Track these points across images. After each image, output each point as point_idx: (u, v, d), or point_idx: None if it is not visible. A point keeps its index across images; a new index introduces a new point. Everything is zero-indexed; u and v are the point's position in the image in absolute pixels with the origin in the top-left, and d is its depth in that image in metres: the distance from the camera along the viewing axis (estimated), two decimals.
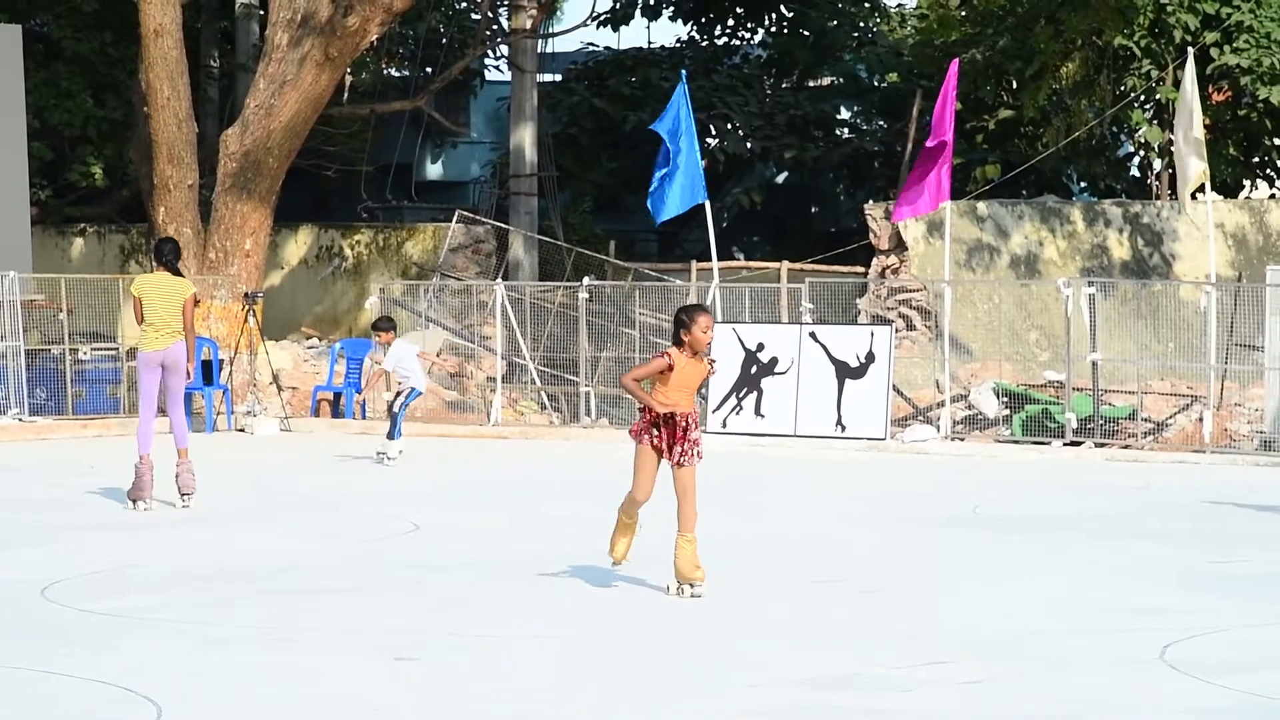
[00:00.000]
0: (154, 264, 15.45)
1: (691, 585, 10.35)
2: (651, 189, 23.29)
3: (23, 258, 24.84)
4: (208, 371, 24.14)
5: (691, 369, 10.35)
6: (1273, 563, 12.13)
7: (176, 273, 15.19)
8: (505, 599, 10.69)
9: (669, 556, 10.42)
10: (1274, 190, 31.78)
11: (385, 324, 19.90)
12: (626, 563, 10.68)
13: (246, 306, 24.77)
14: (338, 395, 25.08)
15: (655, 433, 10.30)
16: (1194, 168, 21.30)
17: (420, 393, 19.64)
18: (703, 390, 23.13)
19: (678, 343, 10.33)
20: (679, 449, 10.30)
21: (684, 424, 10.30)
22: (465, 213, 31.85)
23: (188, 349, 15.02)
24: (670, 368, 10.30)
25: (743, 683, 8.24)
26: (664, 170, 23.21)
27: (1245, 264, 27.54)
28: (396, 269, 31.92)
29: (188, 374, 15.32)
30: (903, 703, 7.82)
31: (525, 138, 33.28)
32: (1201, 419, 20.86)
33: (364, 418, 24.75)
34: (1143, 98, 29.86)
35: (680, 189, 23.33)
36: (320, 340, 29.03)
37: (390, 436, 19.17)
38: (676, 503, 10.34)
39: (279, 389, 24.71)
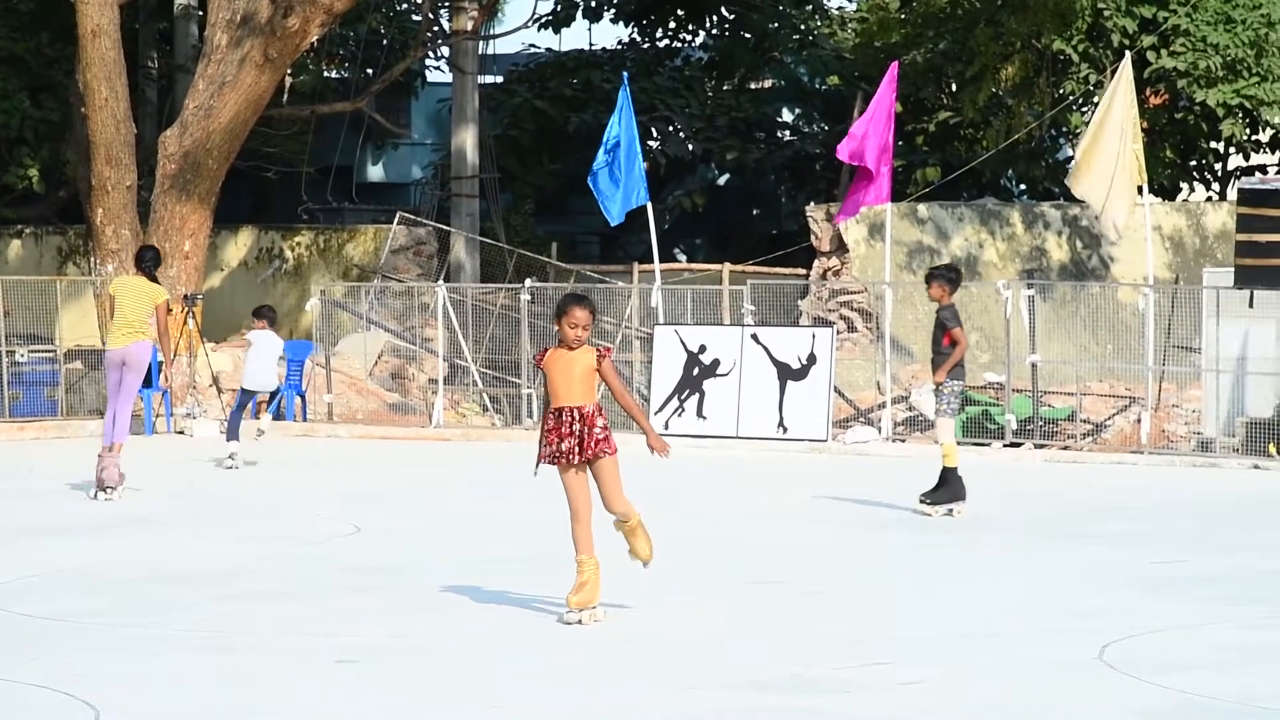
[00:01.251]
0: (134, 269, 16.40)
1: (645, 565, 10.03)
2: (599, 187, 23.36)
3: None
4: (147, 374, 23.97)
5: (567, 360, 9.69)
6: (1210, 563, 12.24)
7: (154, 279, 15.80)
8: (446, 602, 10.67)
9: (601, 562, 9.98)
10: (1210, 193, 32.05)
11: (264, 312, 19.51)
12: (594, 614, 9.70)
13: (186, 308, 24.63)
14: (273, 395, 24.92)
15: (558, 446, 9.63)
16: (1117, 207, 21.42)
17: (255, 393, 19.03)
18: (644, 394, 23.16)
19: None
20: (572, 444, 9.61)
21: (570, 420, 9.63)
22: (407, 214, 31.76)
23: (163, 351, 15.95)
24: (537, 365, 9.96)
25: (682, 685, 8.25)
26: (603, 167, 23.30)
27: (1182, 266, 27.76)
28: (338, 271, 31.80)
29: (166, 377, 16.51)
30: (841, 704, 7.85)
31: (467, 139, 33.22)
32: (1140, 420, 21.02)
33: (305, 419, 24.66)
34: (1081, 101, 30.05)
35: (622, 190, 23.38)
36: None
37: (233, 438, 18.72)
38: (602, 499, 9.71)
39: (219, 391, 24.60)
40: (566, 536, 9.81)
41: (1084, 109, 30.09)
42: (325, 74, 37.21)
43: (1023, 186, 34.71)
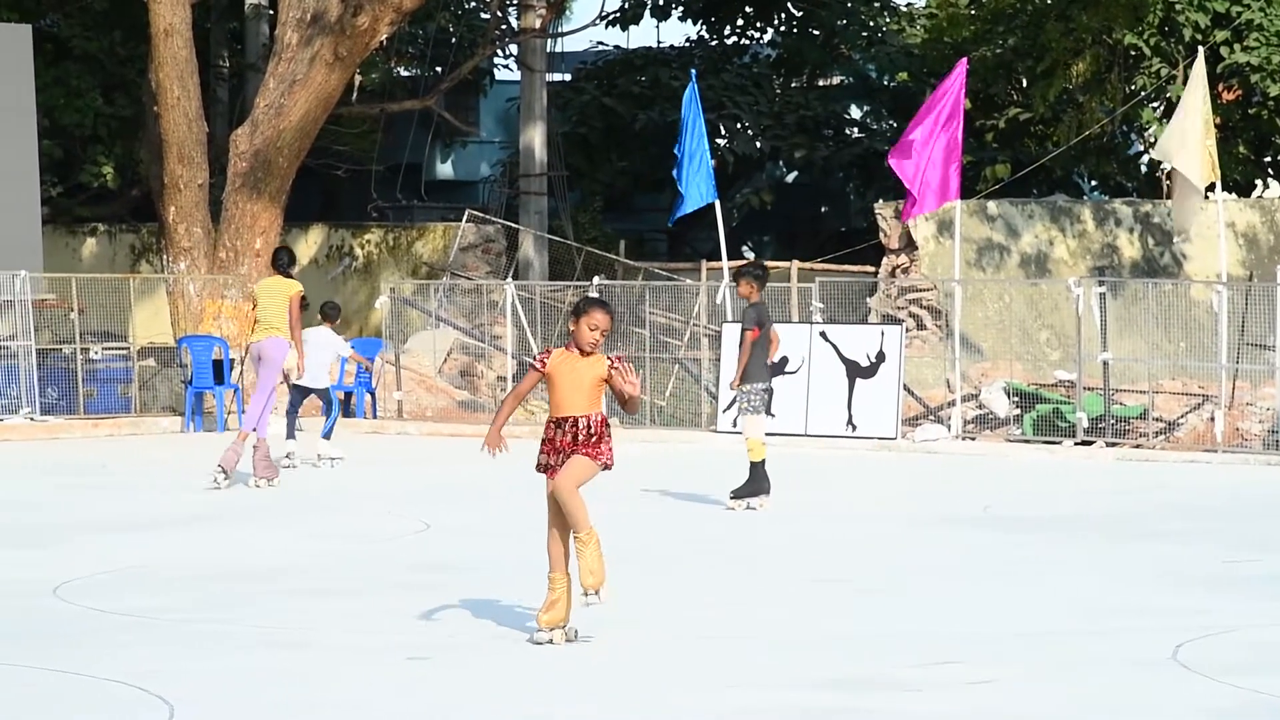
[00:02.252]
0: (270, 269, 17.47)
1: (593, 593, 8.94)
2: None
3: (34, 257, 24.87)
4: (218, 371, 24.17)
5: (577, 366, 8.86)
6: None
7: (287, 275, 16.86)
8: (517, 599, 10.68)
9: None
10: None
11: (324, 309, 19.24)
12: (565, 633, 8.99)
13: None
14: (348, 395, 25.07)
15: (549, 459, 8.92)
16: (1189, 207, 21.29)
17: (307, 391, 18.54)
18: (711, 392, 23.13)
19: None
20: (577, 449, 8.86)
21: (573, 431, 8.85)
22: (475, 212, 31.86)
23: (295, 343, 16.63)
24: (543, 376, 8.90)
25: (748, 684, 8.23)
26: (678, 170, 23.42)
27: (1256, 263, 27.50)
28: (407, 268, 31.93)
29: (298, 369, 17.09)
30: (911, 704, 7.81)
31: (535, 137, 33.29)
32: (1213, 418, 20.83)
33: (375, 416, 24.77)
34: (1153, 96, 29.81)
35: (687, 189, 23.42)
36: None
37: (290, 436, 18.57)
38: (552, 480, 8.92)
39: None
40: (633, 533, 9.81)
41: (1155, 104, 29.85)
42: (394, 72, 37.37)
43: (1094, 183, 34.47)
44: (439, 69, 36.28)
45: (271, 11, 31.68)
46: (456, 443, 22.45)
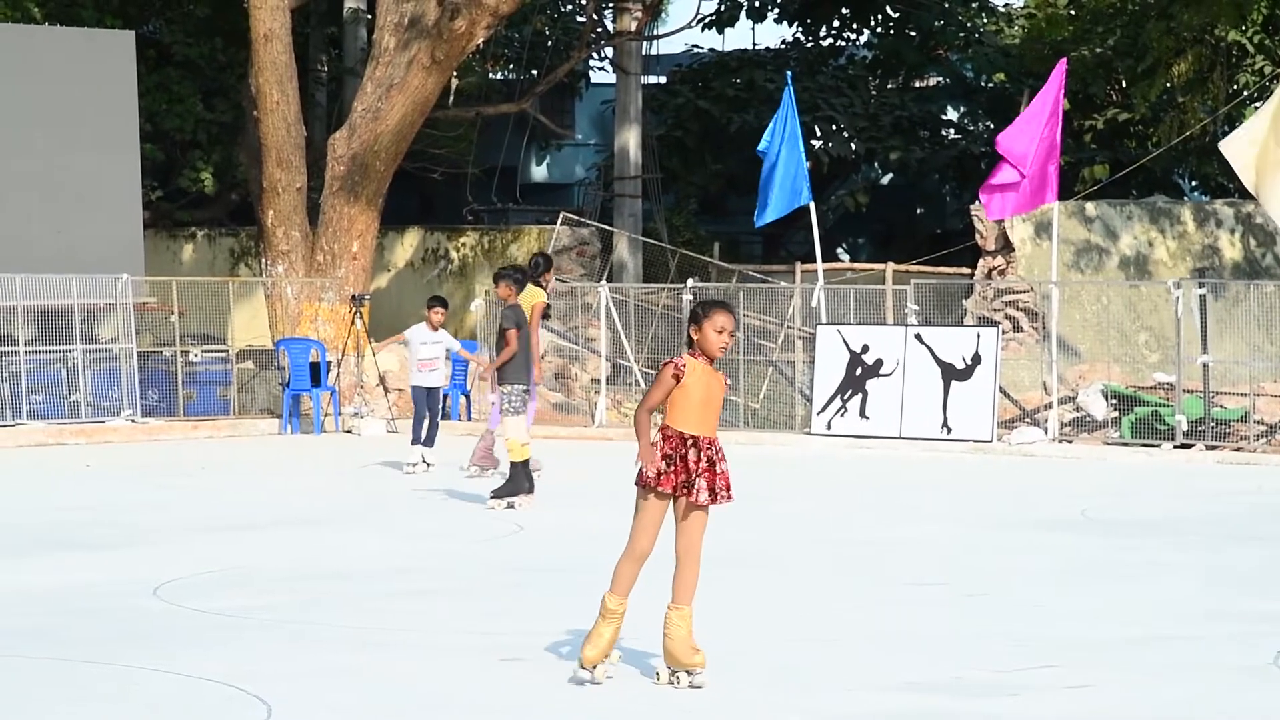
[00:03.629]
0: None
1: (689, 673, 8.01)
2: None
3: (135, 261, 25.20)
4: (315, 373, 24.37)
5: (711, 380, 8.05)
6: None
7: (536, 284, 17.25)
8: None
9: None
10: None
11: (433, 301, 18.73)
12: (608, 668, 8.13)
13: (353, 309, 24.98)
14: (444, 396, 25.18)
15: (666, 470, 7.95)
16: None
17: (423, 390, 18.23)
18: (805, 394, 23.07)
19: (690, 345, 8.11)
20: (700, 483, 7.95)
21: (709, 454, 8.00)
22: (570, 215, 31.95)
23: (531, 350, 16.34)
24: (678, 380, 7.99)
25: (841, 686, 8.20)
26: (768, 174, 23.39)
27: None
28: None
29: (539, 372, 17.32)
30: (1008, 707, 7.76)
31: (630, 139, 33.34)
32: None
33: (469, 419, 24.88)
34: (1256, 95, 29.45)
35: (780, 191, 23.37)
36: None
37: (416, 441, 18.30)
38: (675, 563, 8.05)
39: (385, 390, 24.90)
40: (730, 534, 9.77)
41: (1259, 103, 29.48)
42: (490, 75, 37.55)
43: (1194, 183, 34.09)
44: (534, 72, 36.42)
45: (369, 16, 31.93)
46: (550, 445, 22.50)
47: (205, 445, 22.60)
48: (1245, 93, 29.09)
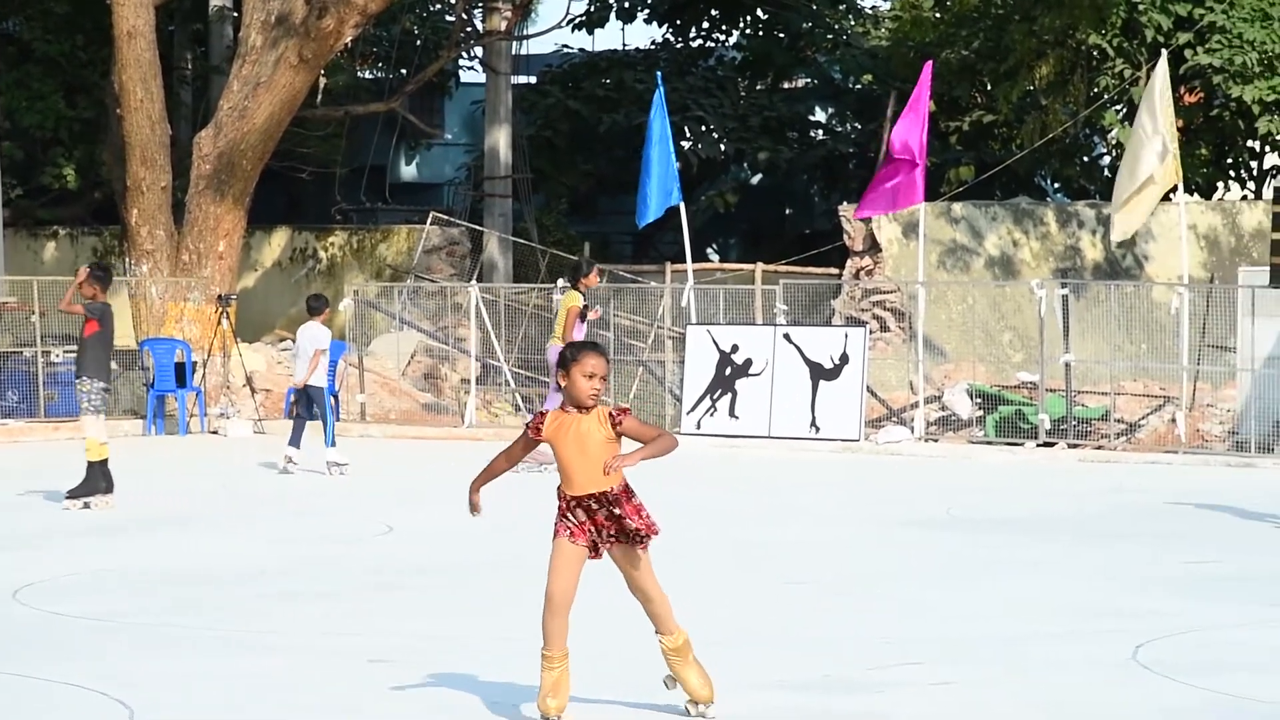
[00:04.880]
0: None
1: (707, 707, 7.66)
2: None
3: None
4: (180, 374, 24.10)
5: (584, 433, 7.36)
6: (1245, 564, 12.18)
7: (575, 287, 18.28)
8: (480, 602, 10.69)
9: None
10: (1246, 192, 31.89)
11: (309, 303, 18.60)
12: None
13: (220, 309, 24.74)
14: (334, 395, 25.02)
15: (572, 521, 7.46)
16: (1127, 220, 21.48)
17: (299, 390, 18.24)
18: (675, 394, 23.16)
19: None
20: (606, 537, 7.45)
21: (605, 509, 7.41)
22: (440, 214, 31.82)
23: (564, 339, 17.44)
24: (532, 439, 7.49)
25: (719, 686, 8.23)
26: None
27: (1217, 265, 27.63)
28: (371, 271, 31.87)
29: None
30: (873, 705, 7.84)
31: (500, 139, 33.26)
32: (1174, 420, 20.94)
33: (338, 419, 24.69)
34: (1116, 98, 29.94)
35: (656, 191, 23.47)
36: (294, 342, 28.99)
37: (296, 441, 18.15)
38: (641, 605, 7.65)
39: (252, 391, 24.67)
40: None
41: (1118, 106, 29.98)
42: (359, 74, 37.31)
43: (1057, 185, 34.59)
44: (404, 71, 36.23)
45: (235, 14, 31.60)
46: (419, 445, 22.41)
47: (67, 446, 22.26)
48: (1105, 96, 29.57)
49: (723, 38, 39.27)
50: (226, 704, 7.86)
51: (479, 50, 34.91)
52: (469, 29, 34.72)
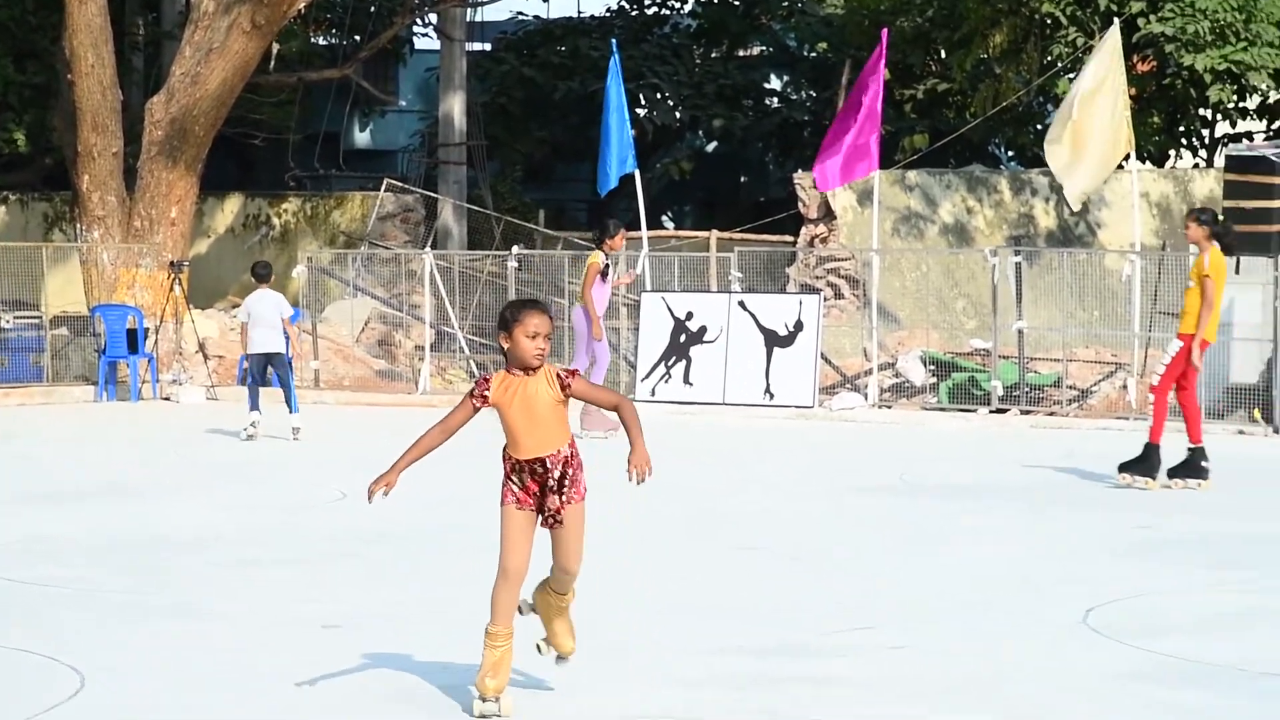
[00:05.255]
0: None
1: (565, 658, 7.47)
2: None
3: None
4: (133, 340, 23.98)
5: (530, 395, 7.05)
6: (1194, 529, 12.27)
7: (600, 247, 18.12)
8: (432, 569, 10.69)
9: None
10: (1198, 160, 32.05)
11: (256, 270, 18.35)
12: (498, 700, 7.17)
13: (172, 275, 24.63)
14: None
15: (517, 484, 7.15)
16: (1081, 182, 21.54)
17: (262, 356, 18.00)
18: (630, 361, 23.16)
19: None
20: (555, 499, 7.12)
21: (558, 470, 7.10)
22: (394, 181, 31.72)
23: (588, 307, 17.77)
24: (477, 407, 7.14)
25: (669, 651, 8.27)
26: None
27: (1169, 233, 27.77)
28: (325, 237, 31.76)
29: (598, 334, 18.01)
30: (827, 669, 7.87)
31: (454, 106, 33.15)
32: (1126, 386, 21.06)
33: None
34: (1069, 66, 30.02)
35: (615, 160, 23.45)
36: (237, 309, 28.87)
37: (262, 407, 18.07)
38: (553, 572, 7.27)
39: (205, 357, 24.58)
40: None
41: (1072, 75, 30.04)
42: (313, 41, 37.11)
43: (1010, 153, 34.68)
44: (358, 38, 36.05)
45: None
46: (373, 412, 22.37)
47: (17, 412, 22.14)
48: (1059, 64, 29.64)
49: (678, 5, 39.21)
50: (180, 671, 7.84)
51: (433, 17, 34.77)
52: None
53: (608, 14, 39.25)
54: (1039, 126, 32.88)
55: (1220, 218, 14.94)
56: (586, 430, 17.68)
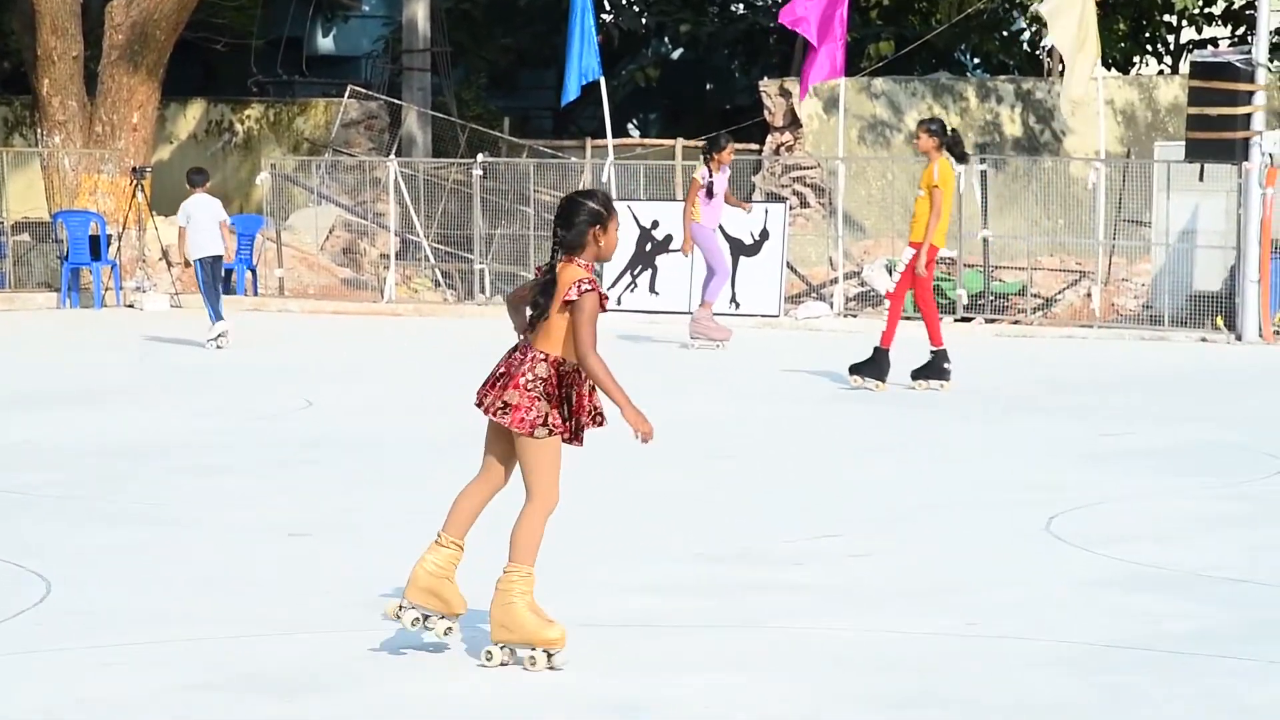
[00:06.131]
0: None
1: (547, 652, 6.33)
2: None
3: None
4: (95, 247, 23.85)
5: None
6: (1158, 436, 12.36)
7: (707, 163, 17.76)
8: (400, 476, 10.70)
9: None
10: (1163, 67, 32.01)
11: (193, 178, 18.26)
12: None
13: (134, 181, 24.45)
14: (229, 271, 24.82)
15: (559, 413, 6.55)
16: (1080, 70, 21.47)
17: (202, 258, 17.84)
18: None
19: (569, 250, 6.37)
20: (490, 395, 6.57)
21: (503, 366, 6.54)
22: (358, 88, 31.47)
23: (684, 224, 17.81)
24: (599, 300, 6.37)
25: (633, 558, 8.31)
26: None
27: (1134, 140, 27.77)
28: (288, 144, 31.54)
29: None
30: (792, 577, 7.92)
31: (418, 11, 32.84)
32: (1090, 294, 21.13)
33: (256, 294, 24.55)
34: None
35: (575, 67, 23.28)
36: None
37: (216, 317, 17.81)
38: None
39: (168, 265, 24.45)
40: None
41: None
42: None
43: (976, 60, 34.58)
44: None
45: None
46: (338, 320, 22.32)
47: None
48: None
49: None
50: (147, 577, 7.85)
51: None
52: None
53: None
54: (1005, 33, 32.78)
55: (950, 129, 15.12)
56: (695, 338, 17.66)
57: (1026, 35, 33.11)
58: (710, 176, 17.71)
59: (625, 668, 6.35)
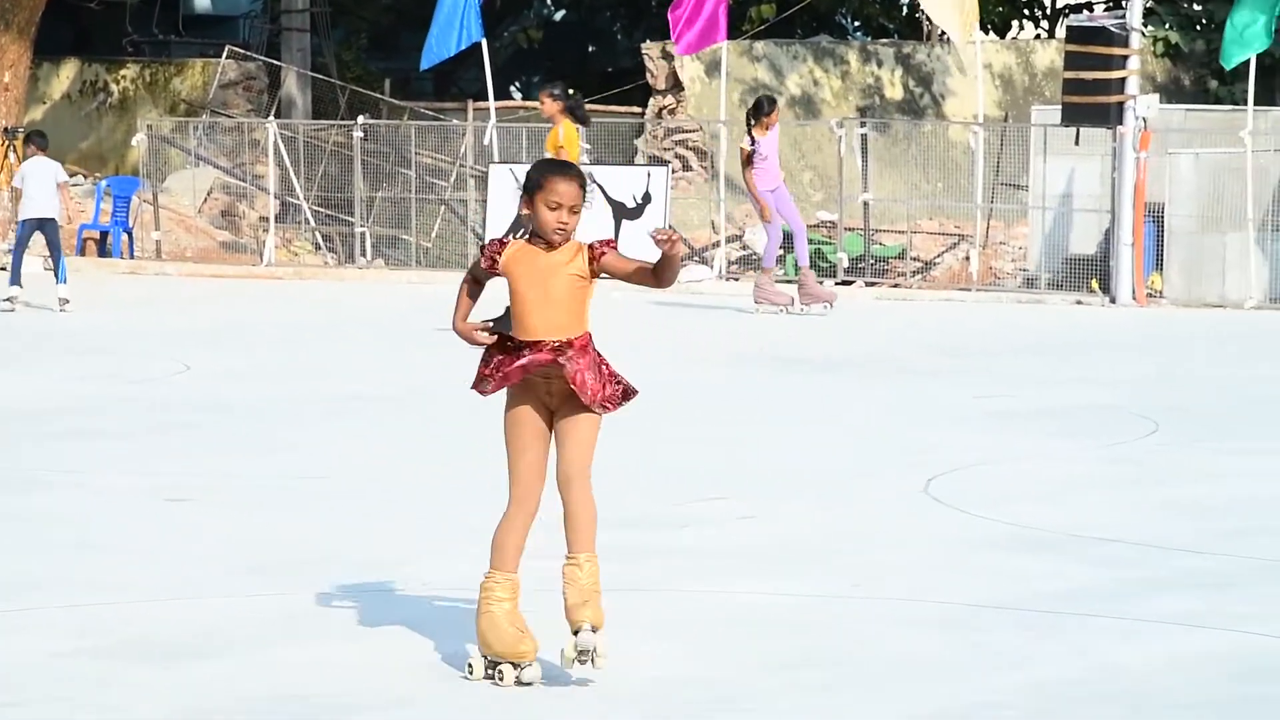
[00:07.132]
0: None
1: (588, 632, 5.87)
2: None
3: None
4: None
5: (546, 266, 5.96)
6: (1034, 398, 12.51)
7: (750, 129, 17.49)
8: (279, 440, 10.62)
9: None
10: (1040, 31, 32.32)
11: (33, 139, 18.36)
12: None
13: (6, 142, 24.06)
14: (104, 234, 24.52)
15: (501, 362, 6.12)
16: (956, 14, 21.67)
17: (35, 221, 17.93)
18: (478, 234, 23.03)
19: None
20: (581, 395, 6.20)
21: (565, 360, 6.12)
22: (236, 48, 31.10)
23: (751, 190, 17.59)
24: (493, 268, 5.97)
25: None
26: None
27: (1012, 104, 28.04)
28: (165, 105, 31.10)
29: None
30: (675, 540, 7.95)
31: None
32: (968, 258, 21.35)
33: (132, 256, 24.24)
34: None
35: (446, 29, 23.04)
36: (86, 178, 28.26)
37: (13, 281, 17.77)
38: (563, 504, 6.23)
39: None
40: (396, 378, 9.71)
41: None
42: None
43: (858, 24, 34.76)
44: None
45: None
46: (217, 284, 22.09)
47: None
48: None
49: None
50: (23, 544, 7.74)
51: None
52: None
53: None
54: None
55: (571, 92, 15.46)
56: (805, 305, 17.51)
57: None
58: (754, 143, 17.52)
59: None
